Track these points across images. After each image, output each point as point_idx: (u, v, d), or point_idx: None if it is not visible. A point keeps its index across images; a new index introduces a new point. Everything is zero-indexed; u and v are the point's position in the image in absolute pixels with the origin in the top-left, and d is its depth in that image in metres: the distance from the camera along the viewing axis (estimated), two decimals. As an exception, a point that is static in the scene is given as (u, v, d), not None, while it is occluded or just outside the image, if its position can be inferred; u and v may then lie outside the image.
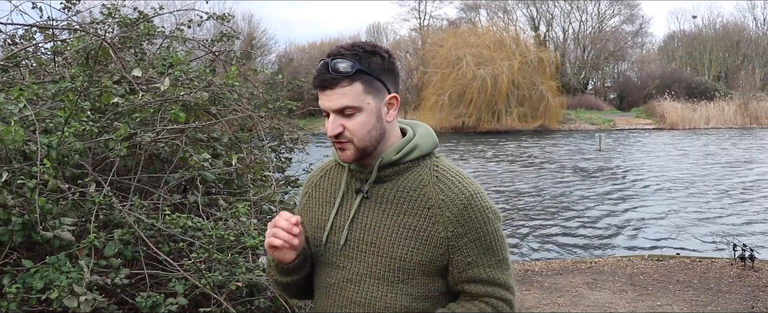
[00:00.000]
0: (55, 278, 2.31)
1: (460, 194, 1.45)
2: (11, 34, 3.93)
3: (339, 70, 1.38)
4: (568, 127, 36.14)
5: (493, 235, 1.48)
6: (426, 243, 1.44)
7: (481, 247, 1.46)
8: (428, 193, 1.46)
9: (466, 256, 1.45)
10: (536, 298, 5.90)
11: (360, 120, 1.42)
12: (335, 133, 1.42)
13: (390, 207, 1.47)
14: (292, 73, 31.43)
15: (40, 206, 2.41)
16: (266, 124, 4.46)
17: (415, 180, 1.48)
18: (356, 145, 1.44)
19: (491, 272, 1.48)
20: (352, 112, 1.41)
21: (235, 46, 5.48)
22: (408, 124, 1.58)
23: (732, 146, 24.42)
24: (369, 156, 1.48)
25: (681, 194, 13.43)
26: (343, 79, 1.39)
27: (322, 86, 1.41)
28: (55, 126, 2.85)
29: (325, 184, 1.61)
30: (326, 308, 1.52)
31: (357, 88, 1.40)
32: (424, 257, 1.44)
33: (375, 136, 1.45)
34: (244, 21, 40.04)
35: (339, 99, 1.40)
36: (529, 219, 10.91)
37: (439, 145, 1.57)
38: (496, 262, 1.48)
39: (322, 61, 1.41)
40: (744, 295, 5.93)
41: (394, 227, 1.45)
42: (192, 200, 3.21)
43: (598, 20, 47.89)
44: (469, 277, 1.47)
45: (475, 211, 1.45)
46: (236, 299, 2.88)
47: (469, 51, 34.70)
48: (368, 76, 1.41)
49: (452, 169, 1.51)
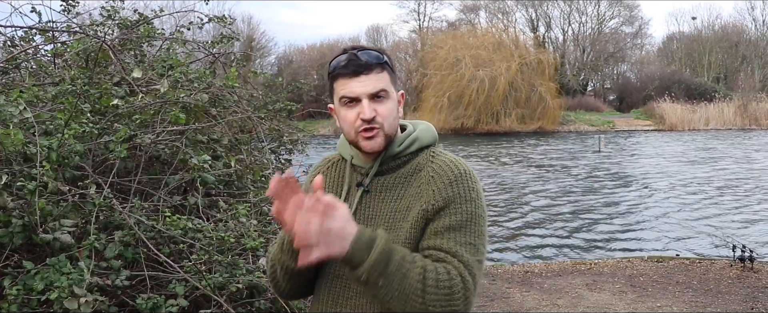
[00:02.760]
0: (56, 280, 2.31)
1: (449, 172, 1.48)
2: (11, 36, 3.93)
3: (371, 57, 1.47)
4: (567, 128, 36.16)
5: (471, 216, 1.44)
6: (415, 220, 1.45)
7: (454, 222, 1.42)
8: (422, 175, 1.50)
9: (437, 226, 1.42)
10: (536, 299, 5.90)
11: (389, 106, 1.49)
12: (371, 116, 1.46)
13: (388, 195, 1.51)
14: (291, 74, 31.45)
15: (40, 207, 2.42)
16: (266, 125, 4.47)
17: (412, 166, 1.53)
18: (386, 132, 1.49)
19: (457, 247, 1.41)
20: (385, 95, 1.48)
21: (235, 48, 5.48)
22: (409, 122, 1.63)
23: (731, 148, 24.44)
24: (389, 146, 1.53)
25: (680, 195, 13.44)
26: (376, 65, 1.48)
27: (357, 72, 1.46)
28: (55, 128, 2.85)
29: (331, 175, 1.63)
30: (331, 299, 1.52)
31: (386, 77, 1.50)
32: (411, 234, 1.44)
33: (396, 126, 1.53)
34: (244, 23, 40.11)
35: (374, 83, 1.47)
36: (528, 220, 10.91)
37: (439, 144, 1.62)
38: (465, 242, 1.42)
39: (349, 53, 1.48)
40: (743, 296, 5.93)
41: (390, 213, 1.48)
42: (192, 202, 3.21)
43: (598, 22, 47.97)
44: (433, 244, 1.42)
45: (460, 187, 1.46)
46: (236, 301, 2.88)
47: (468, 53, 34.74)
48: (391, 69, 1.52)
49: (449, 154, 1.56)
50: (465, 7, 46.70)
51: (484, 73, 33.77)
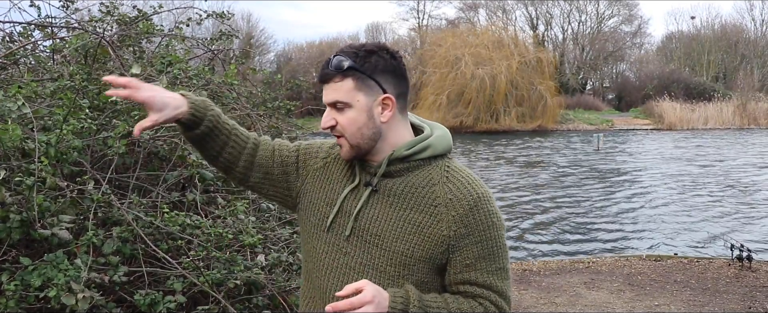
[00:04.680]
0: (54, 276, 2.31)
1: (468, 195, 1.46)
2: (9, 32, 3.93)
3: (333, 66, 1.45)
4: (566, 127, 36.17)
5: (495, 241, 1.48)
6: (428, 240, 1.45)
7: (482, 251, 1.46)
8: (437, 191, 1.47)
9: (465, 257, 1.45)
10: (534, 297, 5.91)
11: (350, 116, 1.46)
12: (328, 125, 1.49)
13: (397, 201, 1.48)
14: (290, 72, 31.43)
15: (38, 203, 2.41)
16: (264, 123, 4.47)
17: (425, 178, 1.49)
18: (349, 141, 1.48)
19: (489, 278, 1.47)
20: (342, 106, 1.46)
21: (234, 46, 5.48)
22: (428, 124, 1.59)
23: (730, 147, 24.46)
24: (367, 154, 1.50)
25: (679, 194, 13.45)
26: (335, 75, 1.45)
27: (322, 80, 1.48)
28: (53, 124, 2.85)
29: (342, 162, 1.60)
30: (328, 288, 1.53)
31: (348, 85, 1.45)
32: (424, 253, 1.45)
33: (368, 135, 1.47)
34: (243, 20, 40.06)
35: (330, 93, 1.47)
36: (526, 219, 10.92)
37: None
38: (496, 269, 1.48)
39: (328, 58, 1.48)
40: (741, 295, 5.95)
41: (399, 222, 1.46)
42: (190, 198, 3.21)
43: (597, 20, 47.96)
44: (466, 279, 1.47)
45: (481, 213, 1.46)
46: (234, 297, 2.88)
47: (467, 51, 34.72)
48: (360, 74, 1.44)
49: (464, 170, 1.52)
50: (465, 5, 46.69)
51: (484, 72, 33.75)
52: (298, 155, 1.65)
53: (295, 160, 1.65)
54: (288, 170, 1.64)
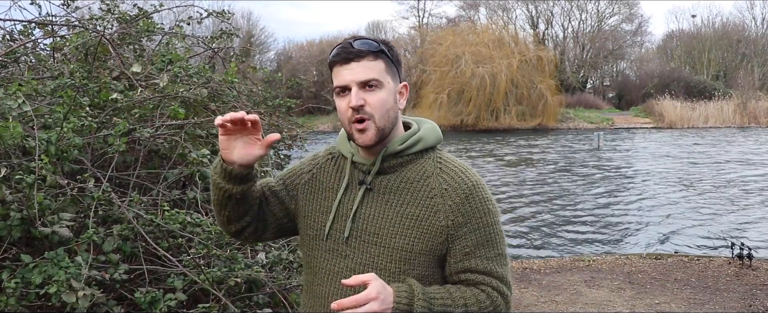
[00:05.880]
0: (54, 273, 2.31)
1: (463, 184, 1.47)
2: (10, 30, 3.92)
3: (366, 45, 1.43)
4: (566, 125, 36.15)
5: (492, 227, 1.49)
6: (427, 232, 1.45)
7: (480, 238, 1.47)
8: (431, 183, 1.48)
9: (464, 246, 1.46)
10: (534, 296, 5.91)
11: (381, 96, 1.43)
12: (358, 104, 1.41)
13: (393, 198, 1.48)
14: (290, 70, 31.45)
15: (38, 201, 2.41)
16: (265, 121, 4.47)
17: (418, 171, 1.50)
18: (377, 124, 1.43)
19: (489, 264, 1.48)
20: (375, 84, 1.43)
21: (234, 44, 5.48)
22: (413, 119, 1.60)
23: (730, 145, 24.45)
24: (384, 141, 1.48)
25: (679, 192, 13.45)
26: (369, 53, 1.43)
27: (348, 59, 1.43)
28: (53, 122, 2.85)
29: (330, 169, 1.60)
30: (328, 295, 1.53)
31: (380, 65, 1.44)
32: (424, 246, 1.45)
33: (392, 118, 1.47)
34: (243, 19, 40.07)
35: (364, 72, 1.42)
36: (527, 217, 10.92)
37: (442, 142, 1.59)
38: (495, 255, 1.49)
39: (345, 41, 1.46)
40: (741, 293, 5.94)
41: (396, 218, 1.47)
42: (191, 196, 3.21)
43: (598, 19, 47.91)
44: (466, 267, 1.47)
45: (476, 201, 1.47)
46: (235, 295, 2.89)
47: (468, 49, 34.69)
48: (388, 58, 1.46)
49: (455, 160, 1.53)
50: (465, 4, 46.65)
51: (484, 70, 33.73)
52: (285, 183, 1.64)
53: (284, 187, 1.63)
54: (285, 202, 1.63)
